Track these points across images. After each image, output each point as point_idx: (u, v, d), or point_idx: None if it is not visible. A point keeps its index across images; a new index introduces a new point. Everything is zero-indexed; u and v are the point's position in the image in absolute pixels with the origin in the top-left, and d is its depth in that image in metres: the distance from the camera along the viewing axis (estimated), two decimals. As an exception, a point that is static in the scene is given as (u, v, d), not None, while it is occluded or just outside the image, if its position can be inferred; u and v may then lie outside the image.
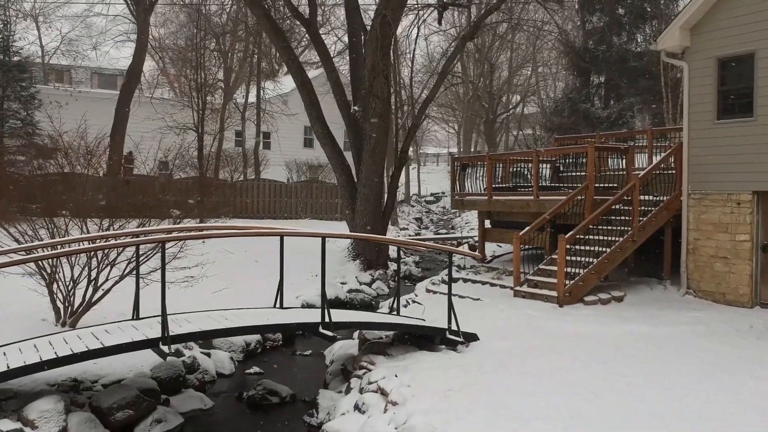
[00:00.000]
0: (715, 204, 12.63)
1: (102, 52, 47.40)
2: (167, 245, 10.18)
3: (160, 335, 7.48)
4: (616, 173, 15.52)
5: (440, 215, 40.40)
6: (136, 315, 8.65)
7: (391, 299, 13.70)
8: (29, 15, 42.74)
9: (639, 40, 31.86)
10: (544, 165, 17.91)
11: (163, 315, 7.42)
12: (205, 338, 8.25)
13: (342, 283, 16.85)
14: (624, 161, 14.38)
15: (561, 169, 18.52)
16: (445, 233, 31.33)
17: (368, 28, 18.12)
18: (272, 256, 10.21)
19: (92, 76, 49.53)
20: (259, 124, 32.48)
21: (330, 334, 8.09)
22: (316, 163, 35.90)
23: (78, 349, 7.26)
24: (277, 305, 9.55)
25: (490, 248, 18.37)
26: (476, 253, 11.09)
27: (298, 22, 26.61)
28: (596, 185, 14.42)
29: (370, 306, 15.84)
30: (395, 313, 10.22)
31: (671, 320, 10.90)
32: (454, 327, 9.26)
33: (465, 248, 21.59)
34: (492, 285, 14.21)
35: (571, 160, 18.89)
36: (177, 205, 14.15)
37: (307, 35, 29.75)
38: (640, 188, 12.98)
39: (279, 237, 9.32)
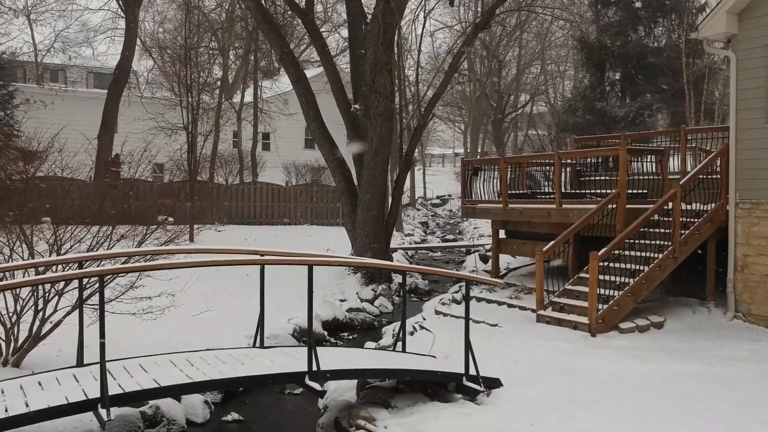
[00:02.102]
0: (769, 215, 10.95)
1: (98, 50, 45.98)
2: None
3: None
4: (646, 178, 13.85)
5: (447, 219, 38.79)
6: (80, 360, 7.01)
7: (394, 327, 12.09)
8: (21, 12, 41.20)
9: (657, 35, 30.19)
10: (563, 169, 16.27)
11: (102, 369, 5.79)
12: (159, 397, 6.62)
13: (341, 300, 15.21)
14: (659, 165, 12.67)
15: (582, 173, 16.86)
16: (453, 239, 29.68)
17: (369, 18, 16.50)
18: (268, 269, 8.45)
19: (87, 76, 48.00)
20: (256, 125, 30.86)
21: (319, 388, 6.45)
22: (317, 165, 34.34)
23: (-6, 414, 5.65)
24: (257, 344, 7.91)
25: (504, 260, 16.75)
26: (498, 280, 9.44)
27: (297, 19, 25.15)
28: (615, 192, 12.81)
29: (372, 327, 14.19)
30: (401, 348, 8.57)
31: (725, 355, 9.23)
32: (472, 371, 7.59)
33: (476, 258, 19.96)
34: (510, 306, 12.54)
35: (596, 163, 17.25)
36: (155, 214, 12.59)
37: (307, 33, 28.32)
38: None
39: (256, 260, 7.63)
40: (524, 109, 44.48)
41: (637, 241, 11.37)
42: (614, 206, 11.92)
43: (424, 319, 12.27)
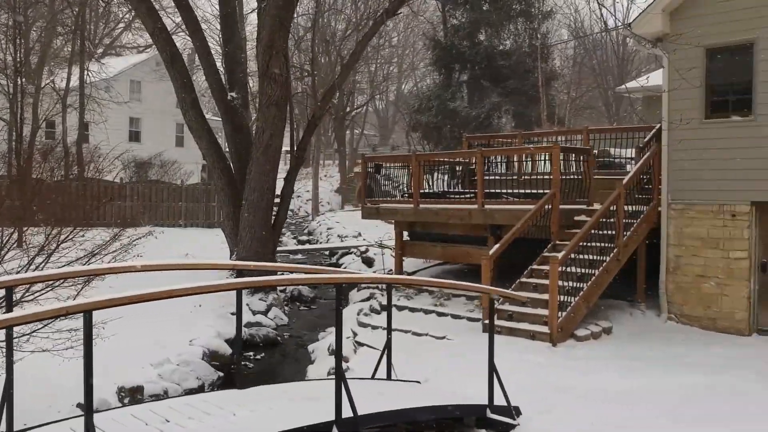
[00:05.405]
0: (703, 216, 10.93)
1: None
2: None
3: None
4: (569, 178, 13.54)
5: (289, 218, 37.00)
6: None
7: (330, 344, 10.62)
8: None
9: (503, 38, 30.83)
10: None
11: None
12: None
13: (232, 314, 13.29)
14: (585, 164, 12.29)
15: (473, 172, 16.36)
16: (307, 241, 28.27)
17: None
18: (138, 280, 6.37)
19: None
20: (83, 113, 27.28)
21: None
22: (144, 159, 31.36)
23: None
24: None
25: (390, 263, 15.80)
26: (523, 294, 8.39)
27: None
28: (528, 192, 12.48)
29: (275, 343, 12.53)
30: (384, 376, 7.20)
31: (696, 362, 8.90)
32: (498, 400, 6.44)
33: (357, 260, 18.83)
34: (440, 314, 11.57)
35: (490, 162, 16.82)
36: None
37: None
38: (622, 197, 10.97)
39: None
40: (363, 107, 44.04)
41: (581, 243, 10.86)
42: (549, 207, 11.37)
43: (356, 334, 10.88)
